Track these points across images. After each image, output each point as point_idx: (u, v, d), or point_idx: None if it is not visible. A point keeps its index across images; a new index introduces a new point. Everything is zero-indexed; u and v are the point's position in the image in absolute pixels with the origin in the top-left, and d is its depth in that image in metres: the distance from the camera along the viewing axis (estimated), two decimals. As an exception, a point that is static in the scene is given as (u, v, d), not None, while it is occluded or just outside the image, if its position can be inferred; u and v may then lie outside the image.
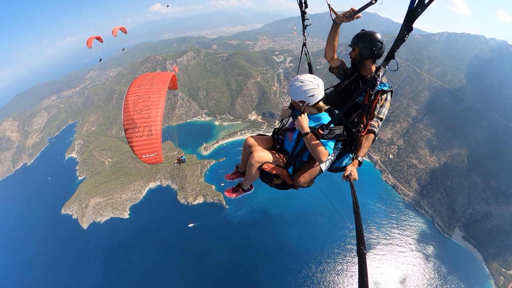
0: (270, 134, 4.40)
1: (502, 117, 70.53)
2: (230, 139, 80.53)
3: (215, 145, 78.58)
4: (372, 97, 3.32)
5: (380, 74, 3.04)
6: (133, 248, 54.14)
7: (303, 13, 4.25)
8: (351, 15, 3.40)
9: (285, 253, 51.35)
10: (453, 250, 54.20)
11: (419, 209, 61.19)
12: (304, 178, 3.77)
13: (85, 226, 58.64)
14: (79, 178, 70.90)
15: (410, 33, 2.39)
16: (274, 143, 4.23)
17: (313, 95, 3.35)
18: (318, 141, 3.34)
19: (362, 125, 3.50)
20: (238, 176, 4.76)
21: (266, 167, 3.72)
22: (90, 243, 55.95)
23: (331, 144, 3.45)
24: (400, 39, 2.47)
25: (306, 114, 3.48)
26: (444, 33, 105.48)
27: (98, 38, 22.72)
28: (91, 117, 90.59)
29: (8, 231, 63.64)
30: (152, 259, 51.81)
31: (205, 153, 75.69)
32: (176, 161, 17.36)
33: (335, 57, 4.01)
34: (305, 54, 4.77)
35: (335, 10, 3.67)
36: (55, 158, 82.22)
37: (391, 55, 2.81)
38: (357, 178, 3.30)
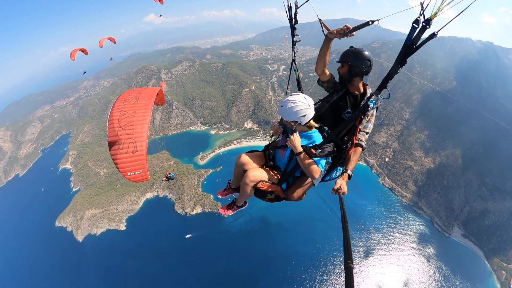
0: (261, 150, 4.47)
1: (492, 115, 72.29)
2: (227, 148, 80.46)
3: (212, 154, 78.34)
4: (362, 117, 3.47)
5: (371, 105, 3.23)
6: (131, 260, 52.73)
7: (293, 29, 4.30)
8: (346, 32, 3.32)
9: (286, 260, 50.78)
10: (454, 248, 54.56)
11: (418, 209, 61.58)
12: (297, 193, 3.94)
13: (80, 238, 57.09)
14: (74, 189, 69.47)
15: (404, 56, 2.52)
16: (266, 159, 4.27)
17: (305, 115, 3.42)
18: (310, 160, 3.43)
19: (350, 143, 3.64)
20: (231, 192, 4.82)
21: (261, 185, 3.82)
22: (85, 256, 54.41)
23: (323, 161, 3.56)
24: (394, 71, 2.65)
25: (297, 132, 3.56)
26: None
27: (83, 50, 22.32)
28: (85, 127, 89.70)
29: (0, 244, 61.53)
30: (151, 272, 50.48)
31: (201, 162, 75.25)
32: (164, 178, 17.04)
33: (326, 72, 4.05)
34: (295, 70, 4.88)
35: (327, 25, 3.65)
36: (49, 169, 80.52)
37: (384, 85, 2.95)
38: (346, 192, 3.39)
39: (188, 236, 55.84)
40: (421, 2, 2.19)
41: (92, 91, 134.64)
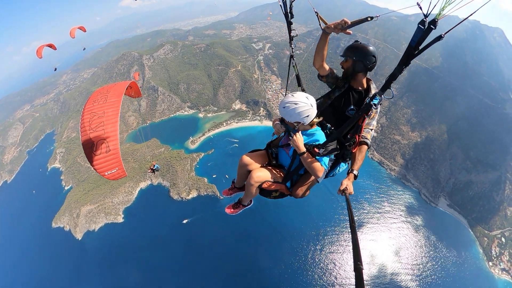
0: (263, 149, 4.44)
1: (477, 92, 74.46)
2: (217, 130, 79.82)
3: (202, 138, 77.54)
4: (366, 116, 3.43)
5: (376, 102, 3.18)
6: (132, 251, 53.28)
7: (289, 23, 4.14)
8: (344, 27, 3.23)
9: (284, 236, 52.74)
10: (440, 218, 58.16)
11: (406, 182, 64.44)
12: (302, 190, 3.96)
13: (79, 236, 56.66)
14: (66, 187, 67.86)
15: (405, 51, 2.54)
16: (269, 157, 4.25)
17: (307, 116, 3.32)
18: (314, 159, 3.40)
19: (353, 142, 3.60)
20: (236, 191, 4.87)
21: (266, 185, 3.85)
22: (87, 253, 54.27)
23: (326, 159, 3.53)
24: (398, 71, 2.65)
25: (300, 132, 3.51)
26: (419, 14, 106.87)
27: (51, 46, 21.19)
28: (70, 123, 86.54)
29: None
30: (153, 260, 51.36)
31: (192, 146, 74.58)
32: (149, 170, 17.12)
33: (324, 65, 3.92)
34: (293, 66, 4.65)
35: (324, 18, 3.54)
36: (37, 171, 77.57)
37: (388, 85, 2.93)
38: (353, 193, 3.35)
39: (185, 221, 56.40)
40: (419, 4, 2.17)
41: (72, 84, 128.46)
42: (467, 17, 2.27)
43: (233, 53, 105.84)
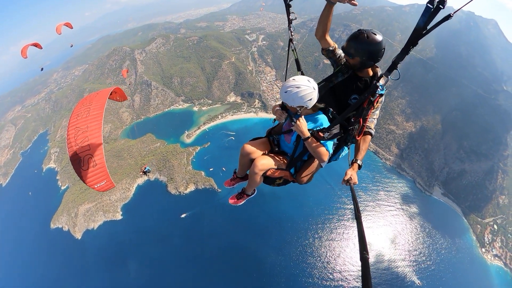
0: (264, 136, 4.36)
1: (470, 83, 75.20)
2: (212, 124, 79.50)
3: (198, 131, 77.20)
4: (371, 98, 3.27)
5: (382, 83, 3.07)
6: (133, 248, 53.42)
7: (288, 6, 3.91)
8: None
9: (282, 226, 53.32)
10: (435, 206, 59.32)
11: (401, 171, 65.34)
12: (306, 176, 3.90)
13: (78, 236, 56.34)
14: (62, 187, 67.22)
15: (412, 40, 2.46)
16: (271, 145, 4.18)
17: (310, 99, 3.23)
18: (318, 143, 3.35)
19: (357, 127, 3.47)
20: (238, 181, 4.83)
21: (270, 173, 3.81)
22: (87, 252, 54.12)
23: (331, 144, 3.46)
24: (406, 51, 2.57)
25: (303, 117, 3.42)
26: (414, 4, 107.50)
27: (36, 45, 20.46)
28: (63, 122, 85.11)
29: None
30: (154, 256, 51.56)
31: (188, 140, 74.24)
32: (141, 172, 17.27)
33: (326, 38, 3.73)
34: (293, 50, 4.41)
35: None
36: (33, 172, 76.34)
37: (394, 66, 2.83)
38: (357, 182, 3.33)
39: (184, 215, 56.43)
40: None
41: (64, 82, 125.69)
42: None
43: (226, 45, 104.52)
